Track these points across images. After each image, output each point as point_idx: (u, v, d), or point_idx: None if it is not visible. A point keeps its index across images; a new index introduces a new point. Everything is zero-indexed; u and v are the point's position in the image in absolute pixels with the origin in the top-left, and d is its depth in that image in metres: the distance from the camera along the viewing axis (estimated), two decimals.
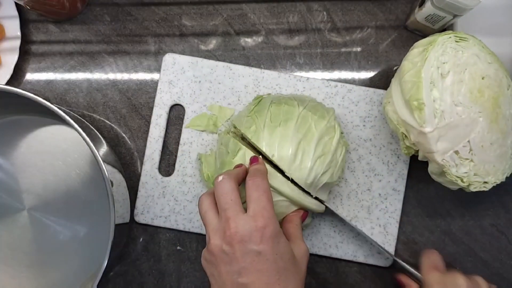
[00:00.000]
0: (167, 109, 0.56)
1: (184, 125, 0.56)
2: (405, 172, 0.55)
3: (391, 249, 0.54)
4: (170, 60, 0.56)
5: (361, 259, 0.54)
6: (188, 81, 0.56)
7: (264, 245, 0.37)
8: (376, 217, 0.55)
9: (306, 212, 0.48)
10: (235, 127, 0.51)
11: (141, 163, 0.57)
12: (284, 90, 0.56)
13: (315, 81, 0.56)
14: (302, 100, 0.50)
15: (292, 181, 0.46)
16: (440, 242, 0.55)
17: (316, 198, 0.49)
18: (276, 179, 0.45)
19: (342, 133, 0.51)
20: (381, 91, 0.56)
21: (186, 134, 0.56)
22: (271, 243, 0.38)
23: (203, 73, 0.56)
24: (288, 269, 0.39)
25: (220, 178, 0.41)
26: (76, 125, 0.45)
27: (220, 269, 0.38)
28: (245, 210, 0.40)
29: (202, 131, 0.56)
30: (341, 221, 0.54)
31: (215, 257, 0.39)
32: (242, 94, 0.56)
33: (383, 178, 0.55)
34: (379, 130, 0.55)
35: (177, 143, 0.56)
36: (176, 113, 0.57)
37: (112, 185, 0.46)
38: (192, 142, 0.56)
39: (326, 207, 0.51)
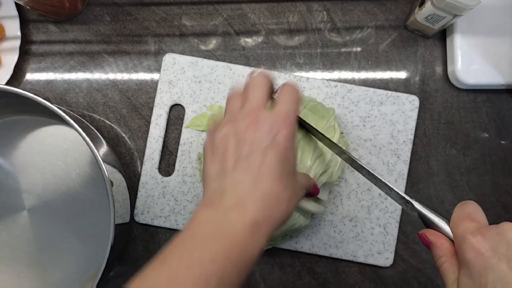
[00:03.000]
0: (167, 109, 0.56)
1: (184, 125, 0.56)
2: (405, 172, 0.55)
3: (391, 249, 0.54)
4: (170, 60, 0.56)
5: (361, 259, 0.54)
6: (188, 81, 0.56)
7: (278, 143, 0.35)
8: (376, 217, 0.55)
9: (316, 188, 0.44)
10: None
11: (141, 163, 0.57)
12: None
13: (315, 81, 0.56)
14: (302, 100, 0.50)
15: None
16: None
17: (316, 198, 0.49)
18: None
19: (342, 133, 0.51)
20: (381, 91, 0.56)
21: (186, 134, 0.56)
22: (285, 143, 0.35)
23: (203, 73, 0.56)
24: (289, 179, 0.36)
25: (256, 72, 0.39)
26: (76, 125, 0.45)
27: (228, 147, 0.36)
28: None
29: (202, 131, 0.56)
30: (341, 219, 0.53)
31: (226, 137, 0.36)
32: None
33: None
34: (379, 130, 0.55)
35: (177, 143, 0.56)
36: (176, 113, 0.57)
37: (112, 185, 0.46)
38: (192, 142, 0.56)
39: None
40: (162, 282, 0.30)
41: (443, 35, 0.58)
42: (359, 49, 0.58)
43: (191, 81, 0.56)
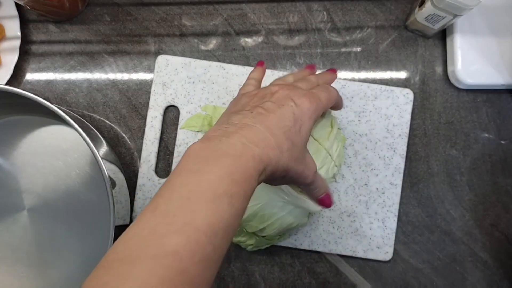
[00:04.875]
0: (161, 110, 0.56)
1: (179, 127, 0.56)
2: (402, 165, 0.55)
3: (390, 243, 0.54)
4: (163, 61, 0.56)
5: (360, 254, 0.54)
6: (182, 82, 0.56)
7: (300, 108, 0.37)
8: (374, 211, 0.55)
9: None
10: None
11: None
12: None
13: None
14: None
15: None
16: (440, 242, 0.55)
17: None
18: None
19: (339, 128, 0.51)
20: (375, 86, 0.56)
21: (182, 135, 0.56)
22: (307, 114, 0.38)
23: (197, 73, 0.56)
24: (296, 141, 0.37)
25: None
26: (76, 125, 0.45)
27: (252, 98, 0.39)
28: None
29: (198, 131, 0.56)
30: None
31: (254, 92, 0.40)
32: (236, 93, 0.56)
33: (380, 173, 0.55)
34: (374, 124, 0.55)
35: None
36: (176, 113, 0.57)
37: (114, 186, 0.46)
38: (188, 143, 0.56)
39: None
40: (176, 207, 0.29)
41: (443, 35, 0.58)
42: (359, 49, 0.58)
43: (184, 82, 0.56)
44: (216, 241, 0.29)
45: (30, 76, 0.58)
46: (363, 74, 0.58)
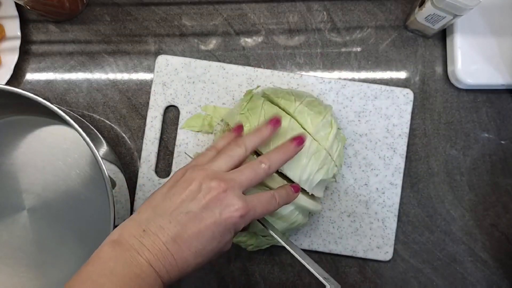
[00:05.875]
0: (161, 110, 0.56)
1: (179, 127, 0.56)
2: (402, 165, 0.55)
3: (390, 243, 0.54)
4: (163, 61, 0.56)
5: (360, 254, 0.54)
6: (182, 82, 0.56)
7: (227, 229, 0.37)
8: (374, 211, 0.55)
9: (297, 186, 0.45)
10: (228, 125, 0.50)
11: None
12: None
13: (309, 78, 0.56)
14: (300, 96, 0.50)
15: (288, 180, 0.46)
16: (440, 242, 0.55)
17: (312, 195, 0.49)
18: (273, 180, 0.45)
19: (339, 128, 0.51)
20: (375, 86, 0.56)
21: (182, 135, 0.56)
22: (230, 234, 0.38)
23: (197, 73, 0.56)
24: (205, 256, 0.38)
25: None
26: (76, 125, 0.45)
27: (187, 193, 0.38)
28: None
29: (198, 131, 0.55)
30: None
31: (196, 183, 0.38)
32: (236, 93, 0.56)
33: (380, 173, 0.55)
34: (374, 124, 0.55)
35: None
36: (176, 113, 0.57)
37: (114, 186, 0.46)
38: (188, 143, 0.56)
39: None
40: None
41: (443, 35, 0.58)
42: (359, 49, 0.58)
43: (185, 82, 0.56)
44: None
45: (30, 76, 0.58)
46: (363, 74, 0.58)
